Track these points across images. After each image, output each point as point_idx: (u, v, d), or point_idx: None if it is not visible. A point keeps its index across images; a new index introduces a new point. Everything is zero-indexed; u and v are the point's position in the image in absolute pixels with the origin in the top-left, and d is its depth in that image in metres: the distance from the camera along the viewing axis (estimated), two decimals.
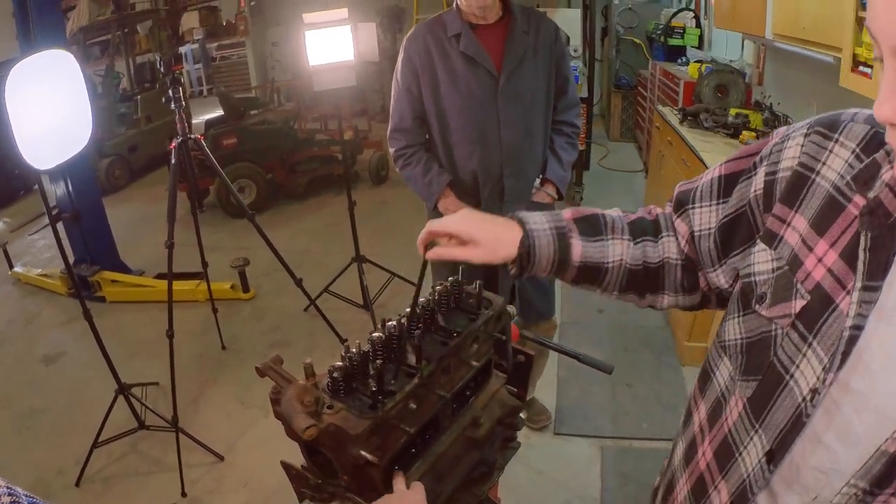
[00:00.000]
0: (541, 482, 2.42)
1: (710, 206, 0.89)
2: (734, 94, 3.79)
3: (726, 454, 0.80)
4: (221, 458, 2.61)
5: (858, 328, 0.63)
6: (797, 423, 0.69)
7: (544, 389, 2.81)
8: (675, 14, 5.83)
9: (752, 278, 0.79)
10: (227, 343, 3.48)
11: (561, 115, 2.18)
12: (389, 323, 0.88)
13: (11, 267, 4.58)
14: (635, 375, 2.98)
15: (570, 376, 2.99)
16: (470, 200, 2.09)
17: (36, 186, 6.60)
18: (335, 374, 0.79)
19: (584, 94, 5.03)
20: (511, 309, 1.09)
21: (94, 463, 2.58)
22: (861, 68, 2.02)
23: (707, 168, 0.98)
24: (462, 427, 0.98)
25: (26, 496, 0.43)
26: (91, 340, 2.55)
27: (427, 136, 2.15)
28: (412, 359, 0.86)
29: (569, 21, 5.57)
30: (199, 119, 6.98)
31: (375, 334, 0.85)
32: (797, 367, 0.69)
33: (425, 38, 1.99)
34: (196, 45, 10.77)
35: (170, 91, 2.48)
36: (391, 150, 2.15)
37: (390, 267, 3.91)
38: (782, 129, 0.81)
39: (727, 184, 0.87)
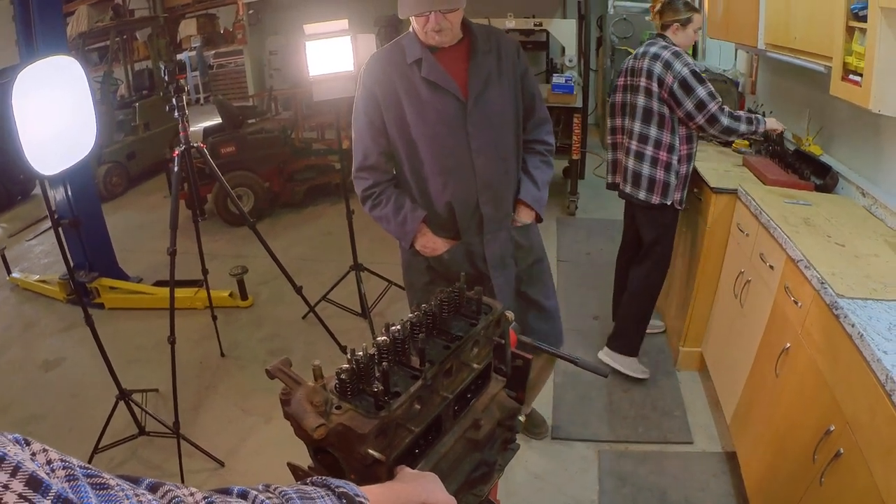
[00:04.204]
0: (539, 485, 2.44)
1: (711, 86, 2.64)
2: (727, 103, 3.82)
3: None
4: (222, 465, 2.64)
5: None
6: None
7: (541, 395, 2.83)
8: None
9: None
10: (226, 350, 3.49)
11: (531, 133, 2.05)
12: (393, 328, 0.91)
13: (9, 272, 4.58)
14: (631, 380, 3.01)
15: (567, 382, 3.01)
16: (447, 234, 1.99)
17: (34, 193, 6.64)
18: (343, 376, 0.82)
19: (580, 104, 5.07)
20: (510, 314, 1.12)
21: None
22: (851, 76, 2.07)
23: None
24: (463, 428, 1.01)
25: (80, 467, 0.45)
26: (90, 347, 2.57)
27: (394, 172, 2.02)
28: (416, 362, 0.89)
29: (564, 31, 5.63)
30: (196, 127, 7.00)
31: (381, 338, 0.88)
32: None
33: (384, 67, 1.86)
34: (193, 53, 10.79)
35: (173, 99, 2.50)
36: (358, 192, 2.00)
37: (387, 275, 3.94)
38: (691, 63, 2.62)
39: (707, 83, 2.66)
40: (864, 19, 1.93)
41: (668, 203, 2.77)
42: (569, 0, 7.93)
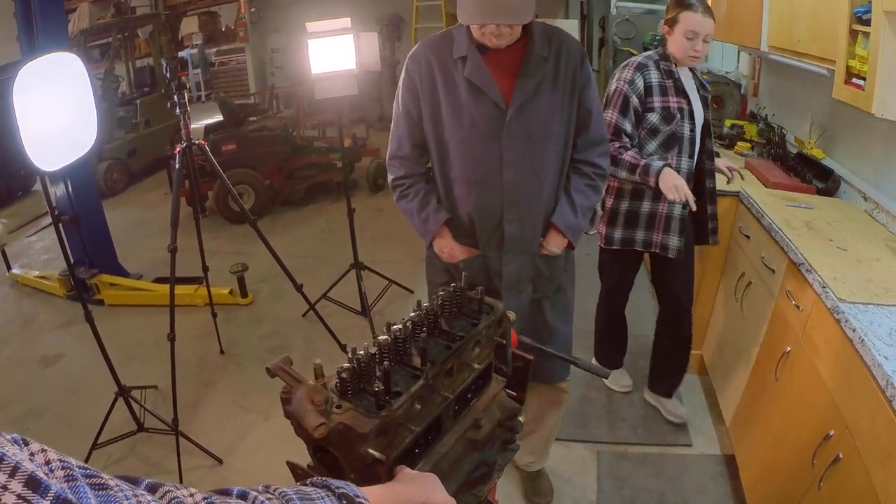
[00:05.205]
0: None
1: (625, 122, 2.29)
2: (730, 106, 3.83)
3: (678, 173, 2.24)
4: (220, 462, 2.63)
5: (692, 110, 2.33)
6: (693, 140, 2.35)
7: None
8: None
9: (654, 125, 2.30)
10: (225, 348, 3.49)
11: (581, 153, 1.84)
12: (395, 327, 0.91)
13: (9, 268, 4.58)
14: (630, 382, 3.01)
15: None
16: (468, 241, 1.88)
17: (34, 188, 6.65)
18: (344, 375, 0.81)
19: None
20: (511, 315, 1.12)
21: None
22: (854, 80, 2.06)
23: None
24: (464, 428, 1.01)
25: (79, 467, 0.45)
26: (89, 343, 2.57)
27: (428, 165, 1.91)
28: (417, 361, 0.89)
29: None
30: (198, 124, 6.99)
31: (382, 337, 0.88)
32: (684, 129, 2.31)
33: (428, 57, 1.73)
34: (195, 50, 10.80)
35: (175, 97, 2.50)
36: (389, 178, 1.93)
37: (388, 274, 3.94)
38: (623, 80, 2.31)
39: (622, 112, 2.29)
40: (867, 23, 1.93)
41: (593, 232, 2.50)
42: (571, 1, 7.94)
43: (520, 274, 1.86)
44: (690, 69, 2.38)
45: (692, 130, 2.32)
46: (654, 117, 2.29)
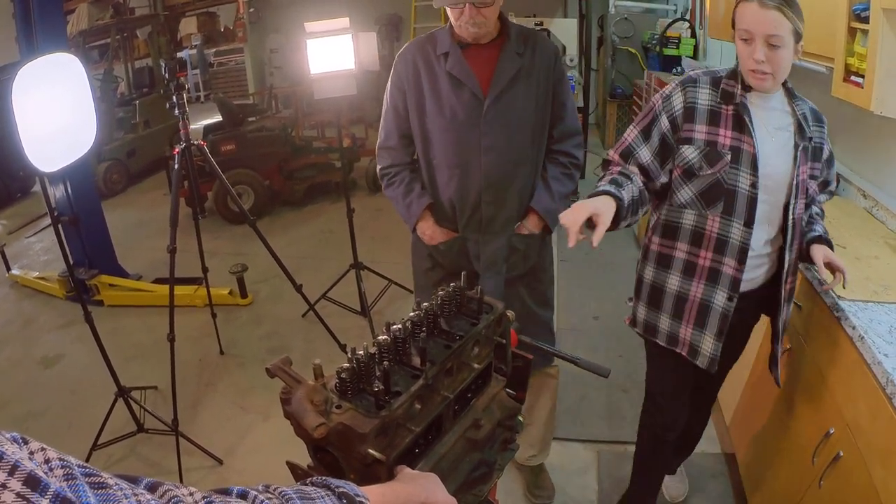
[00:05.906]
0: None
1: (643, 147, 1.66)
2: None
3: (720, 245, 1.62)
4: (220, 462, 2.63)
5: (756, 154, 1.55)
6: (754, 201, 1.57)
7: None
8: (670, 24, 5.89)
9: (689, 162, 1.61)
10: (225, 348, 3.49)
11: (557, 144, 2.01)
12: (394, 326, 0.91)
13: (9, 269, 4.58)
14: (631, 381, 3.01)
15: (566, 382, 3.00)
16: (450, 226, 2.01)
17: (33, 189, 6.64)
18: (343, 376, 0.81)
19: (580, 103, 5.08)
20: (510, 314, 1.12)
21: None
22: (853, 78, 2.06)
23: None
24: (463, 428, 1.01)
25: (79, 466, 0.45)
26: (89, 343, 2.57)
27: (415, 156, 2.06)
28: (416, 361, 0.89)
29: (565, 31, 5.63)
30: (197, 125, 6.99)
31: (382, 337, 0.88)
32: (737, 180, 1.57)
33: (414, 56, 1.91)
34: (194, 51, 10.79)
35: (174, 97, 2.50)
36: (377, 168, 2.08)
37: (387, 274, 3.94)
38: (660, 94, 1.66)
39: (644, 133, 1.67)
40: (865, 20, 1.93)
41: (630, 304, 1.94)
42: None
43: (496, 254, 1.98)
44: (790, 98, 1.64)
45: (754, 186, 1.56)
46: (690, 152, 1.60)
